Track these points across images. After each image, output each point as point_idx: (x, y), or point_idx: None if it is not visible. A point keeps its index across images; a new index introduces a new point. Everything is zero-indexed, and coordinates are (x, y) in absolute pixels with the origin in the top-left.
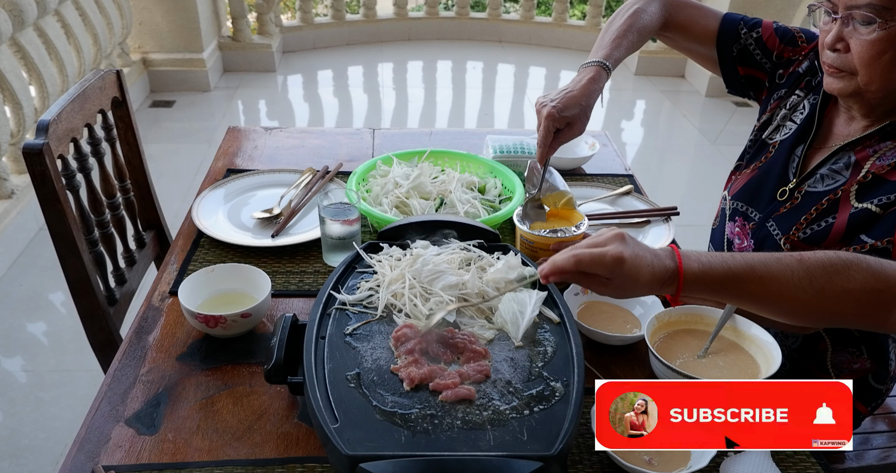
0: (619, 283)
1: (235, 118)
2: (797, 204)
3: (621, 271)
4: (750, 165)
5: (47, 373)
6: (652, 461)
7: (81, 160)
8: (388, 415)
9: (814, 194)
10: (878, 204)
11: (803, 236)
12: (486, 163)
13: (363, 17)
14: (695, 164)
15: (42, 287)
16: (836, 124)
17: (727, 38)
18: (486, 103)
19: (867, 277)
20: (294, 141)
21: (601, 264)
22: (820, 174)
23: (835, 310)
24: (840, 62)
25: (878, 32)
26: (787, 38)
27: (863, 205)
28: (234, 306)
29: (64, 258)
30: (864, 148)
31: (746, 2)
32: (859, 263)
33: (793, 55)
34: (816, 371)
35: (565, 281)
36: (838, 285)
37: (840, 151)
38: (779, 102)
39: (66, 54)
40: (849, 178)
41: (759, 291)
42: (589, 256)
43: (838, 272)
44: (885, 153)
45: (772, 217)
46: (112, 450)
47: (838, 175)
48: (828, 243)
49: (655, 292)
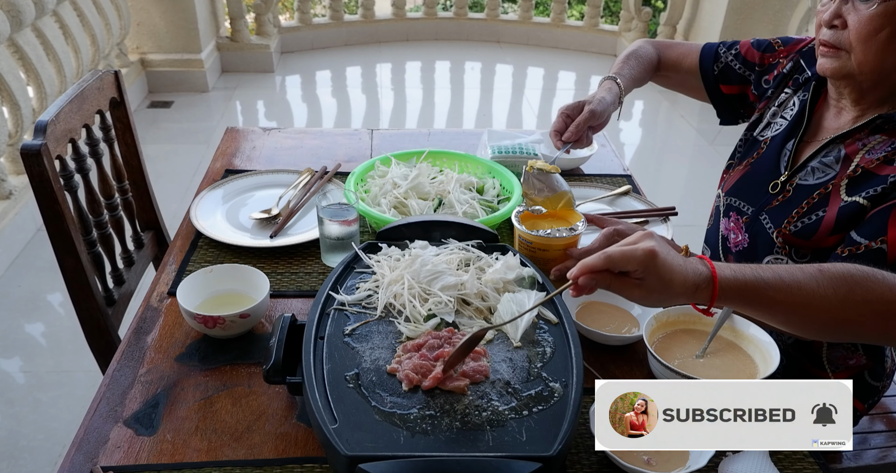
0: (652, 284)
1: (234, 119)
2: (789, 197)
3: (654, 267)
4: (742, 162)
5: (45, 374)
6: (650, 461)
7: (79, 161)
8: (387, 416)
9: (805, 187)
10: (865, 197)
11: (794, 230)
12: (485, 163)
13: (361, 18)
14: (693, 164)
15: (40, 288)
16: (825, 118)
17: (708, 59)
18: (484, 104)
19: (885, 289)
20: (292, 142)
21: (633, 259)
22: (811, 167)
23: (856, 320)
24: (836, 39)
25: (876, 7)
26: (764, 47)
27: (852, 199)
28: (232, 306)
29: (62, 259)
30: (854, 142)
31: (744, 2)
32: (876, 276)
33: (773, 59)
34: (812, 368)
35: (597, 286)
36: (859, 296)
37: (830, 144)
38: (767, 102)
39: (65, 55)
40: (839, 172)
41: (789, 299)
42: (620, 252)
43: (858, 284)
44: (874, 147)
45: (764, 210)
46: (110, 451)
47: (829, 168)
48: (818, 236)
49: (689, 298)
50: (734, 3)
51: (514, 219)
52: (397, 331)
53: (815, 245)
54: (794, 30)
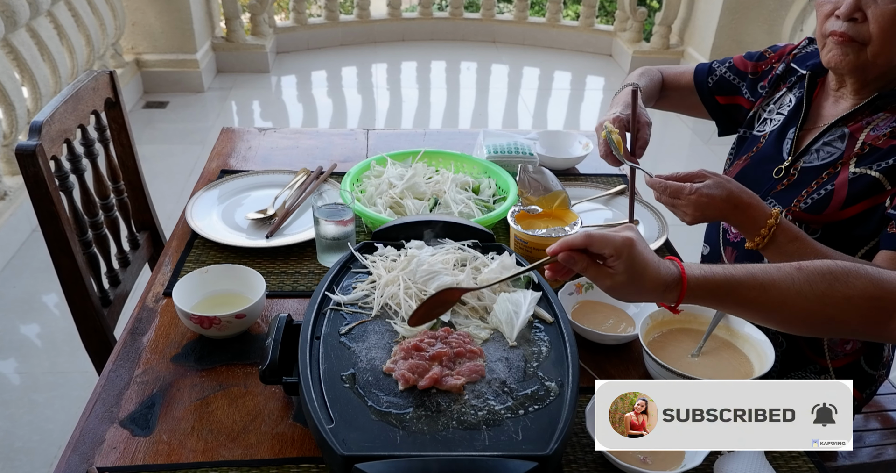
0: (626, 276)
1: (229, 119)
2: (795, 180)
3: (629, 257)
4: (741, 157)
5: (41, 375)
6: (646, 460)
7: (75, 161)
8: (384, 415)
9: (811, 168)
10: (878, 170)
11: (805, 207)
12: (481, 163)
13: (357, 18)
14: (689, 164)
15: (35, 289)
16: (823, 107)
17: (703, 74)
18: (480, 104)
19: (866, 284)
20: (288, 142)
21: (610, 243)
22: (815, 150)
23: (836, 317)
24: (854, 31)
25: None
26: (756, 56)
27: (860, 170)
28: (228, 307)
29: (57, 260)
30: (857, 122)
31: (738, 3)
32: (857, 270)
33: (765, 66)
34: (812, 354)
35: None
36: (839, 292)
37: (832, 127)
38: (762, 101)
39: (59, 55)
40: (845, 150)
41: (762, 297)
42: (600, 234)
43: (837, 279)
44: (878, 124)
45: (770, 195)
46: (106, 452)
47: (834, 148)
48: (830, 209)
49: (657, 296)
50: (729, 3)
51: (510, 219)
52: (393, 331)
53: (827, 219)
54: (789, 29)
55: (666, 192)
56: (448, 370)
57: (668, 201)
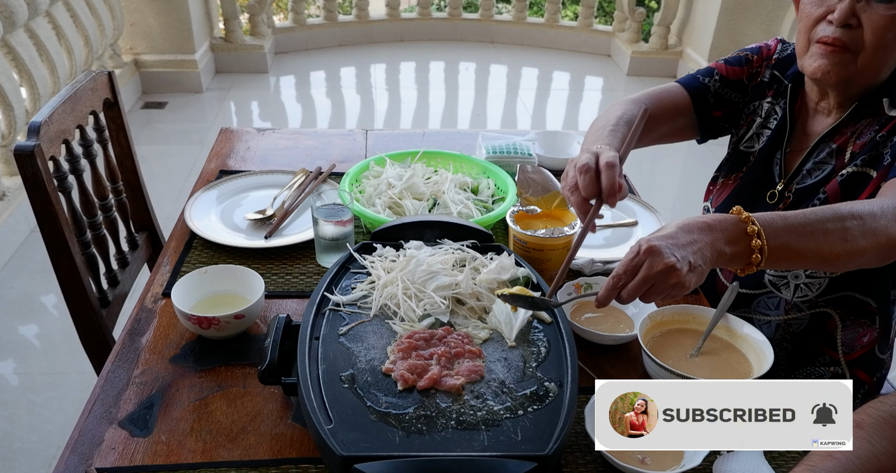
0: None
1: (228, 119)
2: (790, 203)
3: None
4: (730, 176)
5: (39, 375)
6: (645, 460)
7: (73, 162)
8: (383, 416)
9: (805, 189)
10: (861, 165)
11: None
12: (479, 163)
13: (355, 18)
14: (686, 164)
15: (34, 289)
16: (808, 125)
17: (699, 93)
18: (478, 104)
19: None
20: (287, 142)
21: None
22: (805, 170)
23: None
24: (849, 38)
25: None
26: (741, 61)
27: (846, 170)
28: (227, 307)
29: (56, 260)
30: (842, 135)
31: (737, 3)
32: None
33: (751, 69)
34: (826, 349)
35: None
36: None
37: (819, 144)
38: (752, 116)
39: (58, 56)
40: (835, 164)
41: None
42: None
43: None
44: (862, 131)
45: None
46: (105, 452)
47: (824, 165)
48: None
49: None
50: (728, 3)
51: (509, 219)
52: (392, 331)
53: None
54: (787, 30)
55: (619, 284)
56: (447, 371)
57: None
